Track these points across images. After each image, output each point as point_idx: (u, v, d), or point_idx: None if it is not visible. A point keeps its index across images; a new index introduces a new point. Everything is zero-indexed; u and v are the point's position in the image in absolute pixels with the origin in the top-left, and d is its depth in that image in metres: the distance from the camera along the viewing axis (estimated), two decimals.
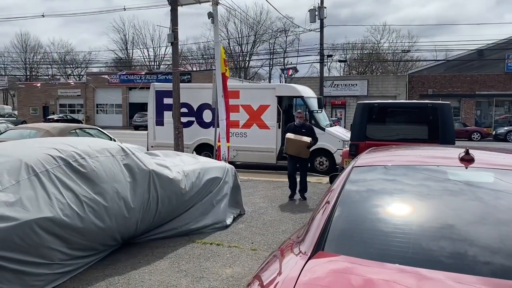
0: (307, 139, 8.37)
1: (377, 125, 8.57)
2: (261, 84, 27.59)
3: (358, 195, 2.34)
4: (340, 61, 48.07)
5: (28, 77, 61.99)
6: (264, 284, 1.82)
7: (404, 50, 48.89)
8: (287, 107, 14.43)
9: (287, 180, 8.95)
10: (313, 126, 8.95)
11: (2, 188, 4.03)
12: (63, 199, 4.32)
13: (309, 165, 9.51)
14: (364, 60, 54.11)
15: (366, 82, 35.18)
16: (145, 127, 36.45)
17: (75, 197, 4.45)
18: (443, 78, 33.50)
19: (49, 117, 40.42)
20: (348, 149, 8.97)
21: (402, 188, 2.38)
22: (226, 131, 10.27)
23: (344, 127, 18.89)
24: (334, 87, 35.07)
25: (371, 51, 54.98)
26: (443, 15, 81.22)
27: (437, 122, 8.10)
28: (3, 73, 59.71)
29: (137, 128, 37.67)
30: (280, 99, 13.13)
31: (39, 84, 33.12)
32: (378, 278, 1.65)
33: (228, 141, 10.29)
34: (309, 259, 1.82)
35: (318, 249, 1.89)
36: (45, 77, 60.40)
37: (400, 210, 2.22)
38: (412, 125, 8.57)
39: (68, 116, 41.61)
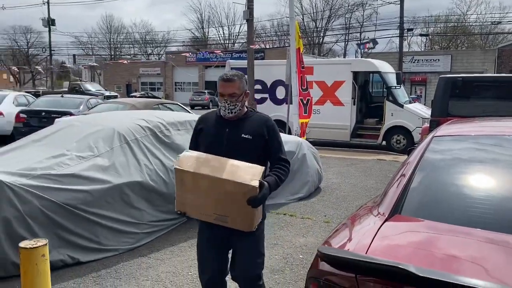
0: (252, 173, 2.43)
1: (460, 101, 8.10)
2: (336, 60, 26.89)
3: (438, 163, 2.31)
4: (421, 35, 45.38)
5: (112, 56, 66.04)
6: (342, 242, 1.90)
7: (494, 22, 44.87)
8: (363, 83, 14.06)
9: (361, 157, 8.59)
10: (274, 124, 2.79)
11: (98, 154, 4.48)
12: (151, 165, 4.70)
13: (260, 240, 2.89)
14: (448, 34, 50.57)
15: (450, 57, 32.95)
16: (201, 106, 36.70)
17: (161, 164, 4.81)
18: None
19: (132, 94, 42.88)
20: (428, 125, 8.60)
21: (487, 157, 2.31)
22: (309, 107, 10.20)
23: (424, 105, 17.98)
24: (414, 62, 33.29)
25: (456, 24, 51.19)
26: None
27: None
28: (91, 53, 64.15)
29: (193, 107, 35.49)
30: (355, 74, 12.83)
31: (125, 62, 35.24)
32: (459, 239, 1.66)
33: (309, 116, 10.26)
34: (386, 220, 1.87)
35: (396, 212, 1.93)
36: (128, 56, 63.97)
37: (483, 179, 2.16)
38: (502, 101, 7.98)
39: (149, 94, 43.83)
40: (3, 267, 3.73)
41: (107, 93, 27.49)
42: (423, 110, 12.57)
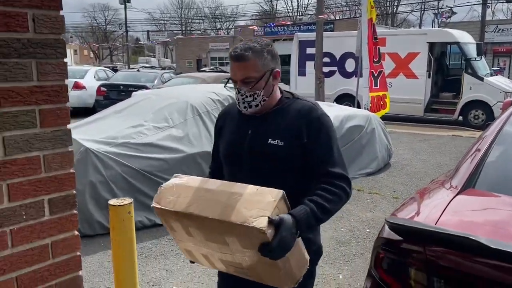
0: (262, 205, 1.37)
1: None
2: (410, 30, 25.41)
3: None
4: (508, 1, 41.35)
5: (183, 32, 67.81)
6: (410, 215, 1.90)
7: None
8: (440, 55, 13.28)
9: (435, 133, 8.19)
10: (322, 116, 1.66)
11: (173, 125, 4.75)
12: None
13: None
14: None
15: None
16: None
17: None
18: None
19: (202, 69, 43.93)
20: (511, 100, 8.00)
21: None
22: (381, 80, 9.77)
23: (508, 78, 16.61)
24: (498, 32, 30.59)
25: None
26: None
27: None
28: (163, 29, 66.27)
29: None
30: (431, 45, 12.15)
31: (194, 36, 36.10)
32: None
33: (385, 89, 9.81)
34: (458, 194, 1.82)
35: (469, 185, 1.87)
36: (198, 31, 65.32)
37: None
38: None
39: (217, 69, 44.64)
40: (91, 225, 4.13)
41: None
42: (506, 83, 11.68)
